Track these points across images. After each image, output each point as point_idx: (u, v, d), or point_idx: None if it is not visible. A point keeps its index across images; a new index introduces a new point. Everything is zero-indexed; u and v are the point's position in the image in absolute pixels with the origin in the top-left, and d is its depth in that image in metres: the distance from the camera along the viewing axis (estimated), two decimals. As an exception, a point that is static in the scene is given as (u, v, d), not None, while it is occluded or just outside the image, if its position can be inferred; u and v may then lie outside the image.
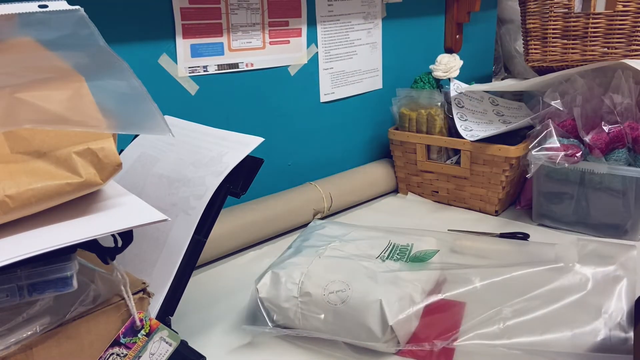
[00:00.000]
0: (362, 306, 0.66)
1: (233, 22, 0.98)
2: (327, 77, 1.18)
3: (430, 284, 0.73)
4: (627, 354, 0.62)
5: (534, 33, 1.14)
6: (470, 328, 0.66)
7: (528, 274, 0.72)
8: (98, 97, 0.48)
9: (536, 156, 0.94)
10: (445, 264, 0.78)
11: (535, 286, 0.70)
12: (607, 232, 0.97)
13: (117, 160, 0.49)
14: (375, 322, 0.65)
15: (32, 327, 0.47)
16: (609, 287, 0.71)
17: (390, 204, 1.19)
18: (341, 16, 1.17)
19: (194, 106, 0.96)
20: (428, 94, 1.15)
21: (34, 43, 0.49)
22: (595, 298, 0.69)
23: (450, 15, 1.43)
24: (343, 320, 0.67)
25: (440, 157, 1.15)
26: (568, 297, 0.69)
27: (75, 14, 0.50)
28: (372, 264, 0.74)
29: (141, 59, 0.88)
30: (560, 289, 0.70)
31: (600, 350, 0.63)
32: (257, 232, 0.97)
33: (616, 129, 0.93)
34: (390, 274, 0.71)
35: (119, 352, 0.52)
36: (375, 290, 0.67)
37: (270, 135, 1.09)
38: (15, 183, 0.44)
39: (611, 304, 0.68)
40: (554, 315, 0.67)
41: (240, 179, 0.67)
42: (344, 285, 0.68)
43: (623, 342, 0.64)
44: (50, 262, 0.46)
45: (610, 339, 0.64)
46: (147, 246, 0.68)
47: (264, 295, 0.71)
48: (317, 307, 0.68)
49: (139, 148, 0.80)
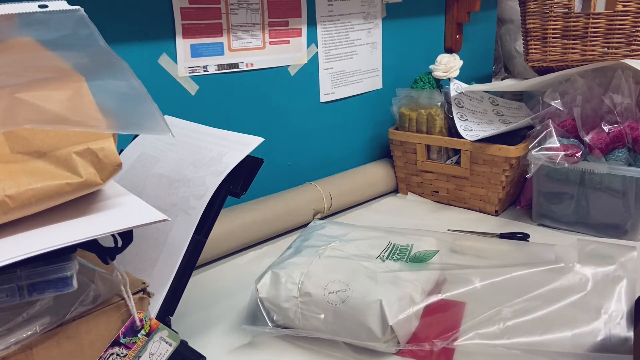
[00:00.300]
0: (362, 306, 0.66)
1: (233, 22, 0.98)
2: (327, 77, 1.18)
3: (430, 284, 0.73)
4: (627, 354, 0.62)
5: (534, 33, 1.14)
6: (470, 328, 0.66)
7: (528, 274, 0.72)
8: (98, 97, 0.48)
9: (536, 156, 0.94)
10: (445, 265, 0.78)
11: (535, 286, 0.70)
12: (607, 232, 0.97)
13: (117, 160, 0.49)
14: (375, 322, 0.65)
15: (32, 327, 0.47)
16: (609, 288, 0.71)
17: (390, 204, 1.19)
18: (341, 16, 1.17)
19: (194, 106, 0.96)
20: (428, 94, 1.15)
21: (34, 43, 0.49)
22: (595, 298, 0.69)
23: (450, 15, 1.43)
24: (343, 320, 0.67)
25: (440, 157, 1.15)
26: (568, 298, 0.69)
27: (75, 14, 0.50)
28: (372, 264, 0.74)
29: (141, 59, 0.88)
30: (560, 289, 0.70)
31: (600, 350, 0.63)
32: (257, 232, 0.97)
33: (616, 129, 0.93)
34: (390, 274, 0.71)
35: (119, 352, 0.52)
36: (375, 290, 0.67)
37: (270, 135, 1.09)
38: (15, 183, 0.44)
39: (611, 304, 0.68)
40: (554, 316, 0.67)
41: (240, 179, 0.67)
42: (344, 285, 0.68)
43: (623, 342, 0.64)
44: (50, 262, 0.46)
45: (610, 339, 0.64)
46: (147, 246, 0.68)
47: (264, 295, 0.71)
48: (317, 307, 0.68)
49: (139, 148, 0.80)
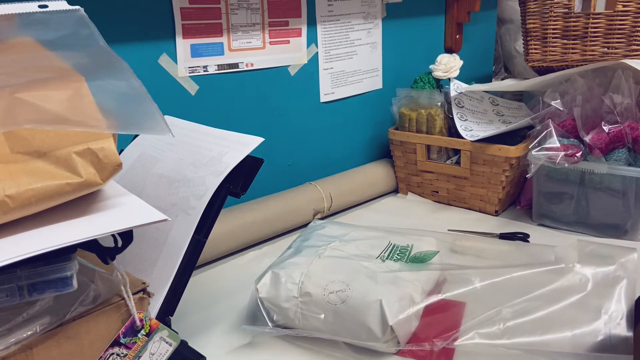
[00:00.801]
0: (361, 306, 0.66)
1: (233, 22, 0.98)
2: (327, 77, 1.18)
3: (430, 284, 0.73)
4: (627, 354, 0.62)
5: (534, 33, 1.14)
6: (470, 328, 0.66)
7: (528, 275, 0.72)
8: (98, 97, 0.48)
9: (536, 156, 0.94)
10: (445, 265, 0.78)
11: (536, 287, 0.70)
12: (607, 232, 0.97)
13: (117, 160, 0.49)
14: (376, 322, 0.65)
15: (32, 327, 0.47)
16: (609, 288, 0.71)
17: (390, 204, 1.19)
18: (341, 16, 1.17)
19: (194, 106, 0.96)
20: (428, 94, 1.15)
21: (34, 43, 0.49)
22: (595, 298, 0.69)
23: (450, 15, 1.43)
24: (343, 320, 0.67)
25: (440, 157, 1.15)
26: (568, 298, 0.69)
27: (75, 14, 0.50)
28: (372, 264, 0.74)
29: (141, 59, 0.88)
30: (560, 289, 0.70)
31: (600, 351, 0.63)
32: (257, 232, 0.97)
33: (616, 129, 0.93)
34: (391, 274, 0.71)
35: (119, 352, 0.52)
36: (375, 290, 0.67)
37: (270, 135, 1.09)
38: (15, 183, 0.44)
39: (611, 305, 0.68)
40: (554, 316, 0.67)
41: (240, 179, 0.67)
42: (344, 285, 0.68)
43: (623, 342, 0.64)
44: (50, 262, 0.46)
45: (610, 339, 0.64)
46: (147, 246, 0.68)
47: (264, 295, 0.71)
48: (317, 307, 0.68)
49: (139, 148, 0.79)
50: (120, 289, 0.53)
